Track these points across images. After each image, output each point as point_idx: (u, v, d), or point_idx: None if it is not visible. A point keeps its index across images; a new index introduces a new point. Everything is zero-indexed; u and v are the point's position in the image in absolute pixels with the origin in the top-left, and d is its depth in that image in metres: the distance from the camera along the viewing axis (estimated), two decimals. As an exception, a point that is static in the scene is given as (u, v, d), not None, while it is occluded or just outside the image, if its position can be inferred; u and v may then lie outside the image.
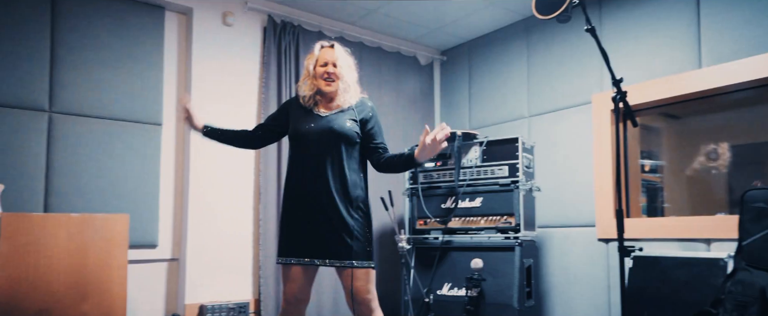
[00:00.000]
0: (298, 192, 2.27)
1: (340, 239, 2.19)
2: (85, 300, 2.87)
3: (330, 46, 2.34)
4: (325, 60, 2.30)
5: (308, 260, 2.22)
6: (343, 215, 2.20)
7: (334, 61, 2.29)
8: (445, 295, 3.45)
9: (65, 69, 3.13)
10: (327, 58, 2.30)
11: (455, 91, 4.69)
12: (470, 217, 3.51)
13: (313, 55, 2.35)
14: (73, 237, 2.89)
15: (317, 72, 2.30)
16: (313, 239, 2.22)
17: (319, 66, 2.31)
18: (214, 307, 3.33)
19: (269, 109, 3.72)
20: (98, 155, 3.19)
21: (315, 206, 2.21)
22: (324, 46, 2.35)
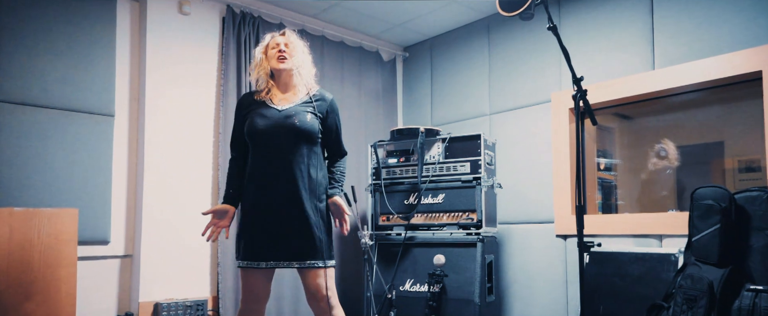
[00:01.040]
0: (258, 193, 2.20)
1: (303, 239, 2.16)
2: (29, 299, 2.71)
3: (281, 34, 2.33)
4: (276, 42, 2.30)
5: (271, 264, 2.18)
6: (307, 215, 2.16)
7: (286, 43, 2.28)
8: (407, 291, 3.45)
9: (9, 55, 2.94)
10: (278, 41, 2.30)
11: (417, 87, 4.70)
12: (433, 213, 3.52)
13: (264, 42, 2.35)
14: (16, 233, 2.72)
15: (269, 54, 2.29)
16: (275, 242, 2.17)
17: (270, 49, 2.29)
18: (170, 305, 3.22)
19: (228, 101, 3.61)
20: (45, 147, 3.01)
21: (277, 207, 2.16)
22: (274, 35, 2.34)
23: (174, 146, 3.45)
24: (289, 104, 2.25)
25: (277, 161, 2.17)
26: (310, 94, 2.28)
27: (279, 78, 2.30)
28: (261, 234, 2.18)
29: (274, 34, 2.34)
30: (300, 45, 2.32)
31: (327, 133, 2.31)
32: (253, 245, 2.19)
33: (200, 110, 3.59)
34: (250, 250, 2.19)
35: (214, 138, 3.63)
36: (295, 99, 2.28)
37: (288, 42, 2.29)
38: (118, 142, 3.33)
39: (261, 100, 2.27)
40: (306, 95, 2.28)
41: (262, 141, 2.19)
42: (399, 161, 3.70)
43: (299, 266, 2.17)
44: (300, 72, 2.28)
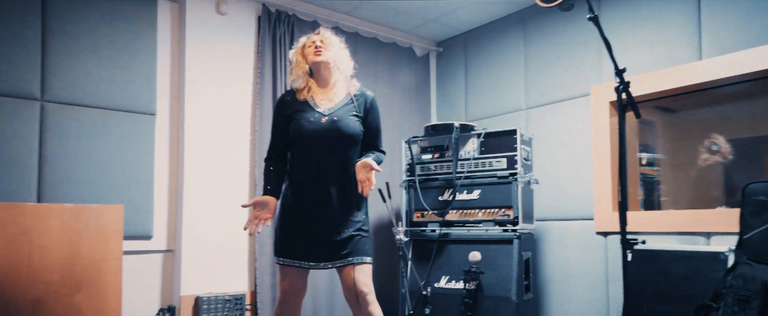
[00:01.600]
0: (299, 194, 2.23)
1: (342, 238, 2.20)
2: (79, 291, 2.83)
3: (315, 33, 2.35)
4: (312, 40, 2.32)
5: (311, 264, 2.22)
6: (346, 214, 2.21)
7: (321, 39, 2.30)
8: (442, 288, 3.43)
9: (57, 57, 3.06)
10: (313, 39, 2.32)
11: (451, 82, 4.65)
12: (468, 209, 3.48)
13: (299, 43, 2.37)
14: (66, 227, 2.84)
15: (305, 52, 2.30)
16: (315, 243, 2.21)
17: (306, 48, 2.31)
18: (210, 299, 3.30)
19: (264, 99, 3.67)
20: (92, 145, 3.13)
21: (319, 207, 2.20)
22: (309, 35, 2.36)
23: (212, 143, 3.53)
24: (332, 105, 2.26)
25: (320, 163, 2.21)
26: (350, 93, 2.29)
27: (318, 73, 2.31)
28: (301, 234, 2.22)
29: (309, 36, 2.36)
30: (335, 40, 2.33)
31: (366, 131, 2.31)
32: (293, 245, 2.23)
33: (237, 108, 3.65)
34: (290, 249, 2.23)
35: (251, 136, 3.69)
36: (337, 99, 2.28)
37: (323, 38, 2.30)
38: (160, 140, 3.42)
39: (303, 101, 2.27)
40: (346, 95, 2.29)
41: (307, 144, 2.22)
42: (433, 157, 3.68)
43: (339, 264, 2.20)
44: (338, 66, 2.29)
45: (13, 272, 2.65)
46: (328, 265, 2.22)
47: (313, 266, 2.23)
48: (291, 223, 2.25)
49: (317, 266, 2.22)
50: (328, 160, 2.21)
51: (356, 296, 2.18)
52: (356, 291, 2.17)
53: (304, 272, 2.27)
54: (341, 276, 2.23)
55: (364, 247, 2.23)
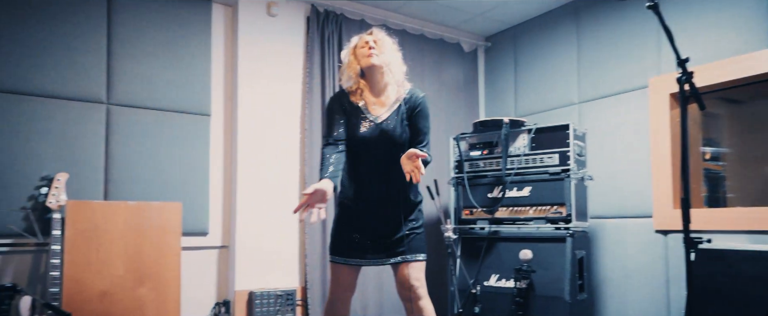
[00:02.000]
0: (355, 196, 2.28)
1: (399, 237, 2.24)
2: (142, 284, 2.97)
3: (368, 33, 2.31)
4: (364, 41, 2.29)
5: (363, 262, 2.27)
6: (402, 213, 2.25)
7: (374, 40, 2.26)
8: (492, 286, 3.38)
9: (121, 62, 3.22)
10: (365, 39, 2.29)
11: (500, 77, 4.57)
12: (518, 207, 3.42)
13: (351, 43, 2.35)
14: (130, 224, 2.99)
15: (357, 53, 2.28)
16: (369, 242, 2.26)
17: (358, 48, 2.29)
18: (262, 294, 3.39)
19: (313, 98, 3.72)
20: (152, 145, 3.27)
21: (372, 209, 2.25)
22: (361, 35, 2.34)
23: (264, 142, 3.62)
24: (383, 111, 2.26)
25: (375, 167, 2.24)
26: (401, 96, 2.27)
27: (370, 76, 2.28)
28: (356, 233, 2.27)
29: (361, 35, 2.33)
30: (389, 42, 2.30)
31: (412, 134, 2.28)
32: (347, 244, 2.27)
33: (287, 107, 3.73)
34: (344, 248, 2.28)
35: (301, 134, 3.76)
36: (388, 103, 2.27)
37: (376, 39, 2.27)
38: (214, 139, 3.54)
39: (356, 106, 2.26)
40: (397, 98, 2.27)
41: (361, 149, 2.24)
42: (482, 154, 3.63)
43: (393, 261, 2.24)
44: (390, 69, 2.26)
45: (84, 266, 2.82)
46: (382, 262, 2.26)
47: (366, 262, 2.28)
48: (346, 222, 2.30)
49: (370, 262, 2.28)
50: (381, 164, 2.24)
51: (408, 291, 2.21)
52: (408, 286, 2.20)
53: (356, 270, 2.31)
54: (395, 273, 2.27)
55: (418, 244, 2.26)
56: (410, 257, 2.24)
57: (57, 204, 2.76)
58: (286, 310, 3.45)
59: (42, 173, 2.86)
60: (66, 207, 2.81)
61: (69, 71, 3.04)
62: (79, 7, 3.09)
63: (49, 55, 2.99)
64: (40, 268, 2.90)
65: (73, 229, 2.82)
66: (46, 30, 2.99)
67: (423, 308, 2.21)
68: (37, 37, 2.96)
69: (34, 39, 2.95)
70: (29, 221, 2.79)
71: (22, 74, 2.91)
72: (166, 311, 3.01)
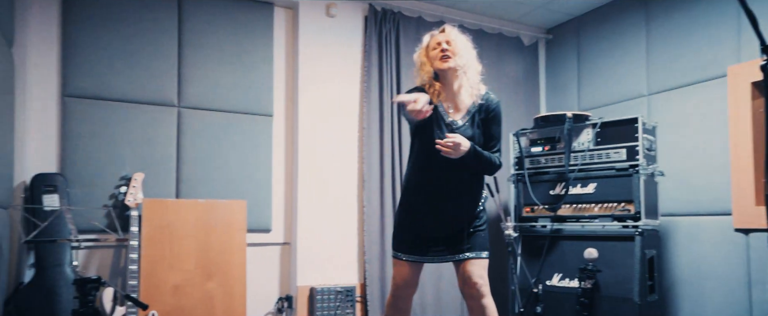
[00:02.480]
0: (422, 193, 2.24)
1: (463, 234, 2.21)
2: (210, 279, 3.13)
3: (440, 31, 2.22)
4: (437, 41, 2.19)
5: (426, 259, 2.26)
6: (467, 211, 2.23)
7: (448, 40, 2.17)
8: (555, 286, 3.29)
9: (191, 67, 3.40)
10: (438, 39, 2.19)
11: (562, 71, 4.42)
12: (582, 204, 3.30)
13: (422, 46, 2.26)
14: (199, 221, 3.15)
15: (431, 56, 2.19)
16: (434, 237, 2.24)
17: (431, 50, 2.20)
18: (323, 290, 3.47)
19: (371, 97, 3.76)
20: (218, 145, 3.43)
21: (438, 204, 2.21)
22: (433, 34, 2.24)
23: (324, 141, 3.70)
24: (460, 115, 2.20)
25: (446, 168, 2.17)
26: (476, 100, 2.20)
27: (444, 78, 2.20)
28: (419, 230, 2.25)
29: (433, 33, 2.24)
30: (463, 40, 2.20)
31: (485, 138, 2.22)
32: (410, 240, 2.26)
33: (346, 106, 3.79)
34: (407, 244, 2.26)
35: (359, 133, 3.81)
36: (463, 106, 2.20)
37: (449, 39, 2.18)
38: (277, 139, 3.66)
39: (434, 106, 2.17)
40: (471, 102, 2.20)
41: (432, 151, 2.13)
42: (544, 150, 3.53)
43: (456, 258, 2.22)
44: (466, 72, 2.17)
45: (158, 260, 3.01)
46: (446, 259, 2.24)
47: (429, 259, 2.26)
48: (409, 219, 2.28)
49: (433, 259, 2.26)
50: (452, 166, 2.16)
51: (472, 289, 2.18)
52: (471, 283, 2.18)
53: (418, 267, 2.29)
54: (458, 270, 2.24)
55: (482, 242, 2.24)
56: (474, 255, 2.20)
57: (134, 202, 2.96)
58: (346, 306, 3.51)
59: (121, 173, 3.08)
60: (142, 205, 3.01)
61: (144, 77, 3.25)
62: (152, 16, 3.29)
63: (126, 62, 3.20)
64: (120, 262, 3.12)
65: (148, 226, 3.01)
66: (123, 40, 3.20)
67: (486, 306, 2.18)
68: (115, 47, 3.18)
69: (112, 48, 3.17)
70: (111, 218, 3.01)
71: (103, 81, 3.14)
72: (232, 304, 3.15)
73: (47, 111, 3.04)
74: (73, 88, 3.08)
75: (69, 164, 3.03)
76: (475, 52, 2.22)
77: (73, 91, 3.08)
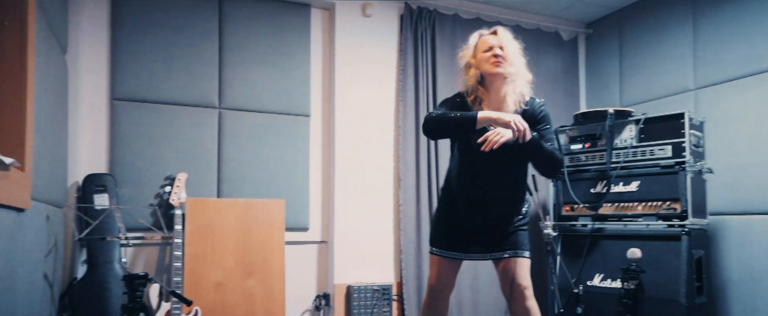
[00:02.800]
0: (461, 195, 2.20)
1: (505, 232, 2.17)
2: (250, 276, 3.21)
3: (491, 33, 2.11)
4: (488, 45, 2.07)
5: (467, 256, 2.23)
6: (510, 210, 2.19)
7: (501, 45, 2.05)
8: (596, 286, 3.21)
9: (231, 69, 3.49)
10: (491, 42, 2.07)
11: (603, 66, 4.30)
12: (624, 202, 3.20)
13: (469, 46, 2.15)
14: (239, 220, 3.23)
15: (480, 58, 2.08)
16: (476, 235, 2.20)
17: (482, 52, 2.08)
18: (360, 288, 3.50)
19: (407, 96, 3.76)
20: (257, 146, 3.51)
21: (483, 204, 2.17)
22: (483, 34, 2.13)
23: (360, 141, 3.73)
24: None
25: (489, 174, 2.14)
26: (520, 107, 2.09)
27: (491, 85, 2.10)
28: (459, 227, 2.22)
29: (482, 33, 2.14)
30: (515, 47, 2.10)
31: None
32: (449, 236, 2.23)
33: (381, 105, 3.81)
34: (446, 240, 2.23)
35: (395, 131, 3.82)
36: (509, 112, 2.08)
37: (502, 44, 2.06)
38: (314, 139, 3.72)
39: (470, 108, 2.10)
40: (516, 110, 2.09)
41: (477, 158, 2.07)
42: (584, 147, 3.45)
43: (497, 256, 2.18)
44: (514, 80, 2.07)
45: (201, 258, 3.10)
46: (486, 256, 2.20)
47: (469, 256, 2.22)
48: (449, 216, 2.25)
49: (473, 256, 2.21)
50: (496, 172, 2.14)
51: (514, 290, 2.13)
52: (514, 284, 2.12)
53: (456, 265, 2.26)
54: (499, 268, 2.19)
55: (524, 241, 2.18)
56: (516, 253, 2.15)
57: (178, 201, 3.06)
58: (383, 304, 3.53)
59: (166, 173, 3.19)
60: (186, 204, 3.11)
61: (187, 80, 3.36)
62: (195, 22, 3.40)
63: (170, 66, 3.32)
64: (165, 259, 3.24)
65: (191, 224, 3.11)
66: (168, 45, 3.32)
67: (530, 309, 2.12)
68: (160, 52, 3.30)
69: (158, 53, 3.29)
70: (156, 216, 3.12)
71: (149, 85, 3.26)
72: (272, 301, 3.22)
73: (97, 114, 3.19)
74: (122, 91, 3.22)
75: (117, 165, 3.16)
76: (525, 61, 2.13)
77: (122, 94, 3.21)
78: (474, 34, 2.16)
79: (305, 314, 3.59)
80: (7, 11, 1.70)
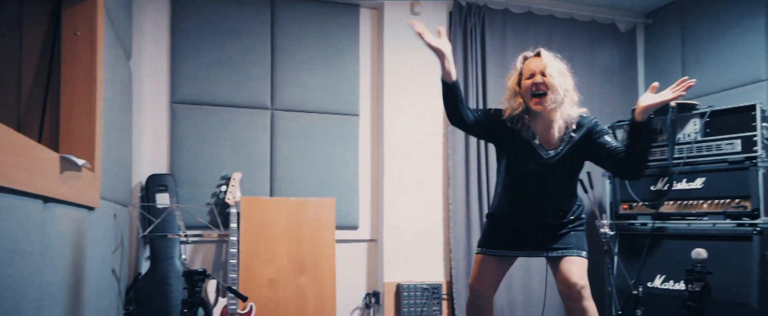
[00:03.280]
0: (514, 211, 2.19)
1: (562, 232, 2.15)
2: (302, 273, 3.27)
3: (535, 55, 2.08)
4: (530, 71, 2.03)
5: (522, 252, 2.22)
6: (564, 217, 2.17)
7: (543, 70, 2.01)
8: (657, 288, 3.07)
9: (282, 71, 3.57)
10: (532, 68, 2.03)
11: (664, 57, 4.09)
12: (688, 200, 3.04)
13: (516, 69, 2.12)
14: (291, 218, 3.31)
15: (524, 86, 2.04)
16: (530, 236, 2.18)
17: (525, 79, 2.05)
18: (409, 286, 3.50)
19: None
20: (308, 145, 3.58)
21: (535, 217, 2.16)
22: (527, 57, 2.10)
23: (408, 140, 3.72)
24: (555, 147, 2.09)
25: (540, 190, 2.13)
26: (570, 127, 2.07)
27: (537, 116, 2.08)
28: (511, 229, 2.20)
29: (526, 56, 2.11)
30: (558, 68, 2.04)
31: (601, 146, 2.06)
32: (502, 237, 2.21)
33: (430, 104, 3.79)
34: (496, 240, 2.22)
35: (444, 129, 3.79)
36: (557, 135, 2.08)
37: (544, 69, 2.01)
38: (363, 138, 3.75)
39: (523, 139, 2.10)
40: (566, 130, 2.08)
41: (524, 177, 2.13)
42: (643, 143, 3.29)
43: (555, 255, 2.15)
44: (561, 105, 2.03)
45: (255, 255, 3.20)
46: (540, 254, 2.18)
47: (521, 253, 2.22)
48: (499, 220, 2.24)
49: (522, 253, 2.22)
50: (547, 191, 2.14)
51: (571, 290, 2.08)
52: (570, 284, 2.07)
53: (502, 266, 2.24)
54: (556, 268, 2.14)
55: (580, 242, 2.16)
56: (571, 252, 2.11)
57: (233, 200, 3.17)
58: (433, 303, 3.51)
59: (222, 173, 3.31)
60: (240, 203, 3.22)
61: (241, 83, 3.47)
62: (248, 26, 3.50)
63: (226, 70, 3.44)
64: (221, 256, 3.36)
65: (246, 222, 3.21)
66: (223, 49, 3.44)
67: (586, 309, 2.07)
68: (216, 56, 3.43)
69: (214, 57, 3.42)
70: (213, 215, 3.25)
71: (206, 88, 3.40)
72: (323, 298, 3.27)
73: (159, 117, 3.35)
74: (181, 94, 3.36)
75: (177, 165, 3.31)
76: (571, 80, 2.07)
77: (180, 97, 3.36)
78: (519, 57, 2.14)
79: (355, 312, 3.64)
80: (78, 22, 1.82)
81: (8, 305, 1.08)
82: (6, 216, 1.07)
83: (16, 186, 1.09)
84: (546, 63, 2.02)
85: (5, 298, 1.07)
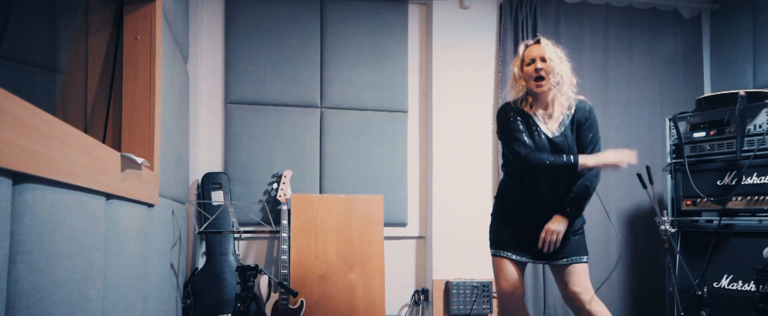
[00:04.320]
0: (519, 205, 2.28)
1: (564, 240, 2.21)
2: (352, 270, 3.30)
3: (535, 43, 2.24)
4: (531, 57, 2.21)
5: (529, 258, 2.27)
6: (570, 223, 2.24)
7: (542, 56, 2.18)
8: (724, 288, 2.89)
9: (331, 69, 3.62)
10: (533, 54, 2.20)
11: (732, 44, 3.84)
12: (759, 195, 2.84)
13: (518, 56, 2.28)
14: (341, 215, 3.34)
15: (525, 72, 2.22)
16: (534, 239, 2.23)
17: (526, 65, 2.22)
18: (458, 284, 3.46)
19: (506, 88, 3.64)
20: (357, 142, 3.60)
21: (539, 216, 2.23)
22: (528, 44, 2.26)
23: (458, 136, 3.68)
24: (555, 126, 2.23)
25: (541, 177, 2.22)
26: (569, 110, 2.23)
27: (537, 94, 2.24)
28: (520, 231, 2.27)
29: (527, 44, 2.27)
30: (557, 55, 2.20)
31: (581, 145, 2.23)
32: (514, 240, 2.27)
33: (479, 99, 3.73)
34: (510, 243, 2.27)
35: (493, 125, 3.72)
36: (557, 115, 2.23)
37: (544, 54, 2.18)
38: (411, 135, 3.73)
39: (527, 115, 2.24)
40: (565, 112, 2.23)
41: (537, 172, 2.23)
42: (708, 135, 3.11)
43: (558, 264, 2.24)
44: (560, 87, 2.20)
45: (306, 251, 3.26)
46: (549, 262, 2.26)
47: (531, 259, 2.27)
48: (508, 219, 2.31)
49: (535, 261, 2.27)
50: (551, 177, 2.22)
51: (573, 299, 2.20)
52: (571, 293, 2.21)
53: (522, 267, 2.28)
54: (560, 277, 2.25)
55: (581, 247, 2.25)
56: (570, 261, 2.21)
57: (284, 197, 3.24)
58: (482, 301, 3.46)
59: (273, 171, 3.39)
60: (291, 200, 3.28)
61: (292, 82, 3.53)
62: (298, 26, 3.56)
63: (276, 70, 3.51)
64: (273, 252, 3.44)
65: (296, 219, 3.27)
66: (274, 50, 3.52)
67: (592, 313, 2.18)
68: (267, 57, 3.51)
69: (266, 58, 3.50)
70: (265, 212, 3.33)
71: (258, 88, 3.48)
72: (372, 295, 3.29)
73: (213, 117, 3.46)
74: (234, 95, 3.46)
75: (231, 164, 3.41)
76: (569, 65, 2.23)
77: (234, 98, 3.46)
78: (520, 45, 2.30)
79: (404, 309, 3.64)
80: (138, 27, 1.91)
81: (76, 296, 1.15)
82: (73, 212, 1.13)
83: (82, 183, 1.15)
84: (545, 49, 2.19)
85: (73, 289, 1.13)
